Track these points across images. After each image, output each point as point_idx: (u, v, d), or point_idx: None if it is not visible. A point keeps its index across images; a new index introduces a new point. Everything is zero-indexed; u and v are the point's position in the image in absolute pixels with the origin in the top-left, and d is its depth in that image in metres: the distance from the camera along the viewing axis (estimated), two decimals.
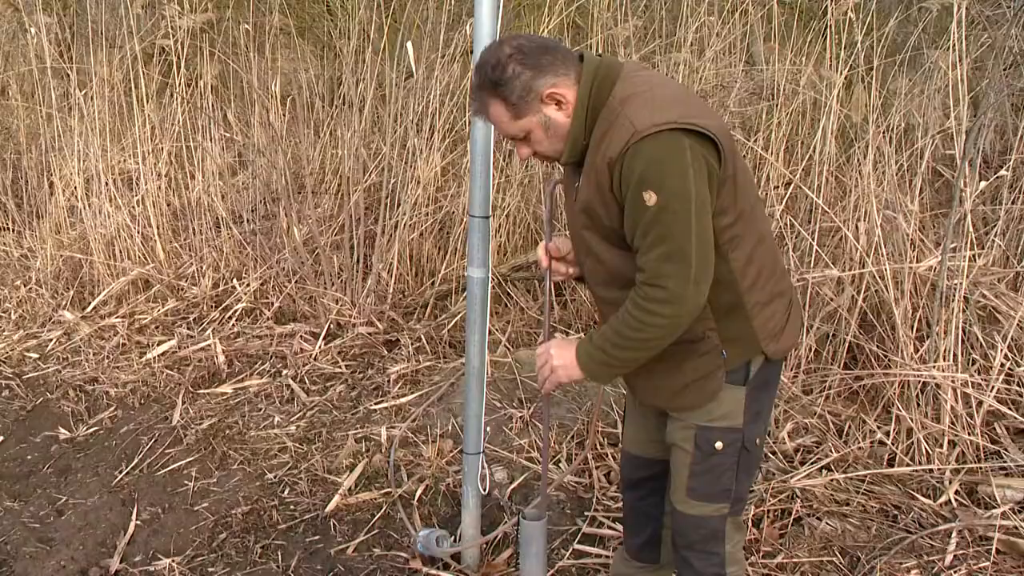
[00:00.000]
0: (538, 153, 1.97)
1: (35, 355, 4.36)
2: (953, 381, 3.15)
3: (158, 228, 4.85)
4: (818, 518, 2.92)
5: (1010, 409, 3.17)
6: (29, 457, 3.64)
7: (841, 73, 3.76)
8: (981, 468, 3.06)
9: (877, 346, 3.40)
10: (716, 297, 1.89)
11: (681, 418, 2.03)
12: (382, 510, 3.11)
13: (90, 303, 4.70)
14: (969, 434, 3.12)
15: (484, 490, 2.77)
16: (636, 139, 1.77)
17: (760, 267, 1.95)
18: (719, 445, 2.00)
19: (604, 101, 1.86)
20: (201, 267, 4.76)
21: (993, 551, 2.74)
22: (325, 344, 4.17)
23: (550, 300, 2.28)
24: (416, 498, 3.14)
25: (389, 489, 3.17)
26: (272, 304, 4.48)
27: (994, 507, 2.91)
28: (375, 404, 3.72)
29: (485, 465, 2.76)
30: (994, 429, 3.20)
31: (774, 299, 1.99)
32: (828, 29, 4.00)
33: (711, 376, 1.96)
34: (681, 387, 1.99)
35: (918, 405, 3.20)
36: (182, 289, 4.70)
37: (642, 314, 1.83)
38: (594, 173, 1.87)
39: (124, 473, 3.44)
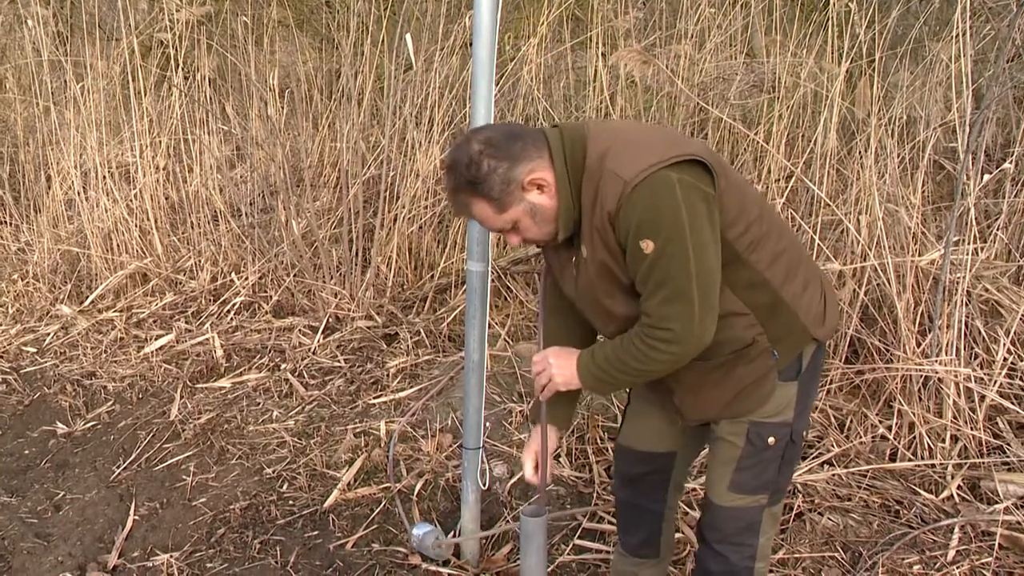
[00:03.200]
0: (528, 239, 1.93)
1: (32, 349, 4.34)
2: (955, 375, 3.14)
3: (156, 222, 4.84)
4: (820, 513, 2.91)
5: (1013, 404, 3.16)
6: (26, 452, 3.62)
7: (842, 65, 3.74)
8: (983, 463, 3.05)
9: (879, 340, 3.38)
10: (755, 300, 1.88)
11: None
12: (381, 505, 3.10)
13: (88, 297, 4.68)
14: (971, 429, 3.11)
15: (484, 485, 2.75)
16: (628, 190, 1.75)
17: (788, 259, 1.93)
18: (771, 440, 1.98)
19: (583, 166, 1.84)
20: (199, 261, 4.75)
21: (996, 546, 2.73)
22: (324, 338, 4.16)
23: (546, 310, 2.25)
24: (415, 493, 3.12)
25: (388, 484, 3.16)
26: (270, 298, 4.46)
27: (997, 502, 2.90)
28: (374, 398, 3.70)
29: (485, 460, 2.75)
30: (996, 424, 3.18)
31: (808, 284, 1.97)
32: (829, 21, 3.98)
33: (764, 378, 1.94)
34: (733, 396, 1.96)
35: (920, 399, 3.18)
36: (180, 283, 4.68)
37: (648, 350, 1.82)
38: (597, 235, 1.84)
39: (122, 468, 3.43)
